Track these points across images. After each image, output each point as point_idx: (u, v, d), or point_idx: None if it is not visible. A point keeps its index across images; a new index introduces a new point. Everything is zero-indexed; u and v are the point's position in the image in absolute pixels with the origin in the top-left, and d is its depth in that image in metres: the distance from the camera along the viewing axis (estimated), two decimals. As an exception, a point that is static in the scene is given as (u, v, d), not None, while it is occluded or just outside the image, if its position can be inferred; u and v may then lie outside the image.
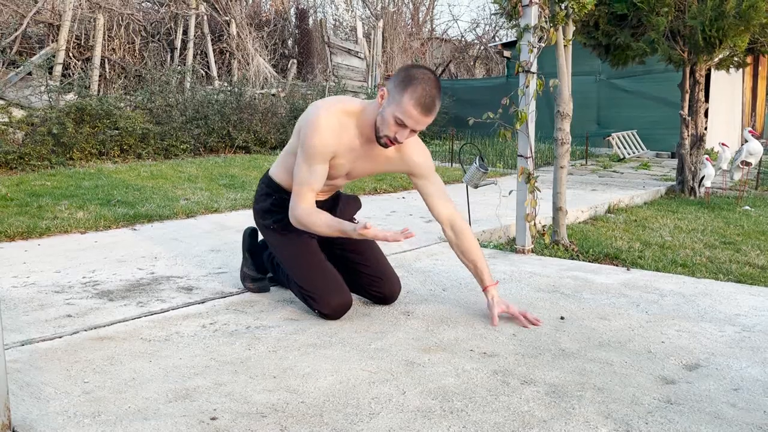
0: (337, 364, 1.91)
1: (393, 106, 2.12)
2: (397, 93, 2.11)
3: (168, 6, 12.61)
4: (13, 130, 6.95)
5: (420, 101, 2.09)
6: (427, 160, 2.37)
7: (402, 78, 2.12)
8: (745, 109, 11.90)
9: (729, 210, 5.41)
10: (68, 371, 1.84)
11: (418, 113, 2.10)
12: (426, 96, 2.09)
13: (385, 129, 2.15)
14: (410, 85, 2.09)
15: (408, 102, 2.09)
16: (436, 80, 2.14)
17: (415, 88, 2.09)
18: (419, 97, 2.08)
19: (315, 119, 2.19)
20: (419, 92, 2.08)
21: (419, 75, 2.11)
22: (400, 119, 2.11)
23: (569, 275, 2.97)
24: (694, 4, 5.54)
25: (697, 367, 1.93)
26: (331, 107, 2.22)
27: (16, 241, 3.55)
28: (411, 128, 2.14)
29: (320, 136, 2.18)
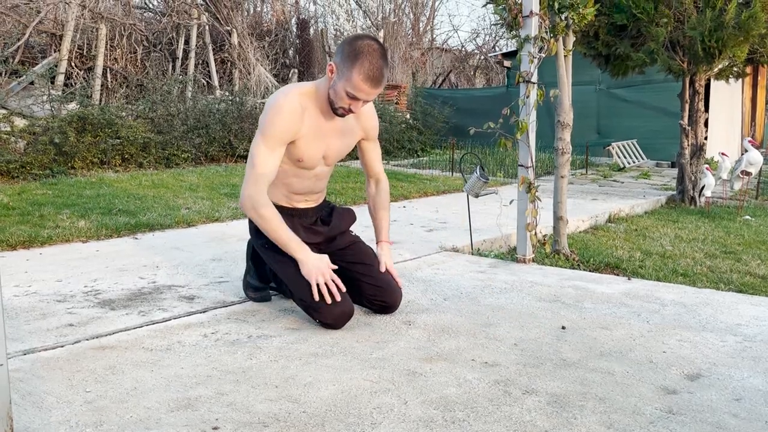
0: (338, 374, 1.92)
1: (343, 81, 2.22)
2: (346, 68, 2.20)
3: (170, 16, 12.68)
4: (15, 139, 6.97)
5: (368, 75, 2.18)
6: (377, 125, 2.59)
7: (348, 52, 2.21)
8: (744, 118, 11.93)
9: (729, 219, 5.42)
10: (70, 380, 1.85)
11: (368, 87, 2.21)
12: (373, 69, 2.18)
13: (339, 101, 2.26)
14: (357, 59, 2.18)
15: (357, 77, 2.19)
16: (381, 50, 2.23)
17: (362, 62, 2.18)
18: (367, 71, 2.18)
19: (275, 102, 2.30)
20: (366, 66, 2.18)
21: (364, 48, 2.20)
22: (351, 93, 2.22)
23: (570, 285, 2.98)
24: (694, 14, 5.57)
25: (699, 377, 1.94)
26: (289, 92, 2.33)
27: (17, 250, 3.56)
28: (363, 100, 2.25)
29: (281, 117, 2.28)
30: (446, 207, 5.42)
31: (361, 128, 2.51)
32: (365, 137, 2.56)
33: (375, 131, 2.58)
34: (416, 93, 13.07)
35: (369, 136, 2.56)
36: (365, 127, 2.52)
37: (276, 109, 2.28)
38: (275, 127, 2.27)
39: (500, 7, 3.44)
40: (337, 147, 2.46)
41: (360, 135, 2.54)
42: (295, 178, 2.43)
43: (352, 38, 2.26)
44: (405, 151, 10.92)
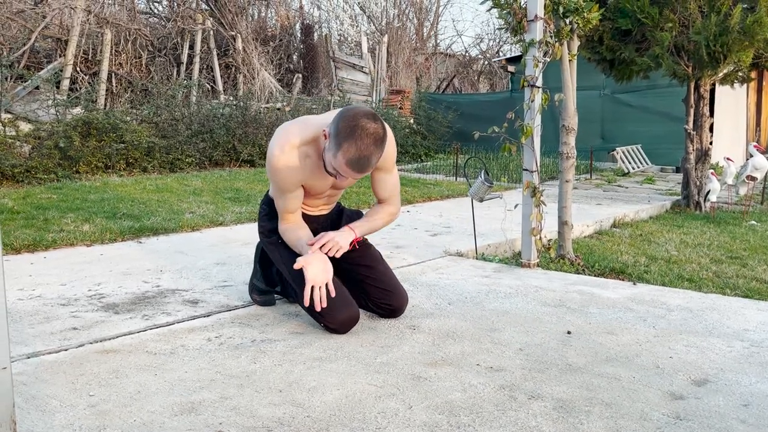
0: (343, 378, 1.91)
1: (330, 155, 2.11)
2: (334, 144, 2.08)
3: (174, 21, 12.73)
4: (20, 143, 6.99)
5: (352, 161, 2.06)
6: (391, 155, 2.37)
7: (341, 128, 2.06)
8: (749, 123, 11.90)
9: (735, 225, 5.40)
10: (74, 384, 1.84)
11: (352, 171, 2.10)
12: (359, 154, 2.05)
13: (331, 170, 2.18)
14: (346, 140, 2.04)
15: (341, 159, 2.07)
16: (375, 132, 2.07)
17: (349, 146, 2.04)
18: (351, 158, 2.06)
19: (272, 161, 2.25)
20: (352, 152, 2.05)
21: (357, 130, 2.04)
22: (334, 171, 2.15)
23: (575, 290, 2.96)
24: (698, 19, 5.56)
25: (706, 382, 1.92)
26: (285, 145, 2.22)
27: (22, 253, 3.56)
28: (345, 178, 2.17)
29: (281, 176, 2.27)
30: (450, 211, 5.41)
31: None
32: (377, 167, 2.35)
33: (387, 161, 2.35)
34: (420, 98, 13.08)
35: (380, 165, 2.35)
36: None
37: (273, 168, 2.25)
38: (279, 183, 2.29)
39: (505, 12, 3.44)
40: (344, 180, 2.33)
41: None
42: (307, 198, 2.44)
43: (350, 114, 2.09)
44: (409, 156, 10.91)
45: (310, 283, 2.23)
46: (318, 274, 2.24)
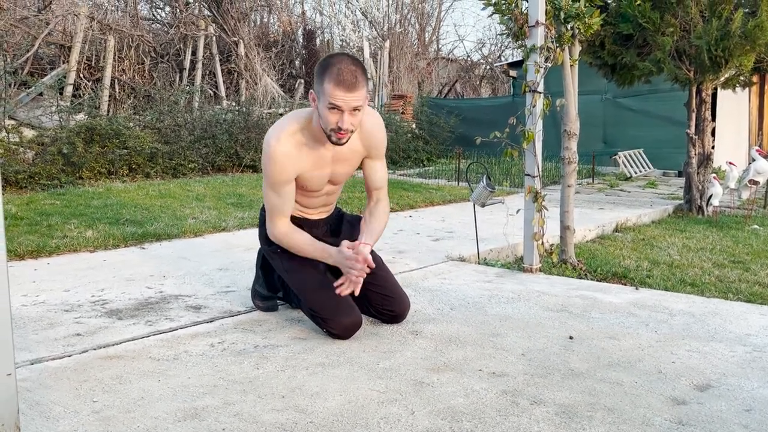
0: (345, 384, 1.91)
1: (321, 99, 2.17)
2: (319, 84, 2.17)
3: (177, 27, 12.77)
4: (24, 149, 7.01)
5: (338, 80, 2.11)
6: (381, 142, 2.45)
7: (318, 70, 2.19)
8: (752, 128, 11.89)
9: (737, 229, 5.39)
10: (77, 390, 1.85)
11: (342, 92, 2.12)
12: (343, 72, 2.12)
13: (327, 124, 2.18)
14: (326, 70, 2.14)
15: (328, 86, 2.12)
16: (351, 57, 2.21)
17: (331, 71, 2.13)
18: (337, 77, 2.11)
19: (269, 150, 2.27)
20: (335, 72, 2.12)
21: (333, 60, 2.17)
22: (331, 104, 2.13)
23: (577, 294, 2.96)
24: (700, 24, 5.57)
25: (709, 387, 1.92)
26: (281, 134, 2.27)
27: (25, 259, 3.57)
28: (346, 110, 2.14)
29: (276, 166, 2.27)
30: (452, 216, 5.41)
31: (363, 146, 2.41)
32: (368, 155, 2.44)
33: (378, 149, 2.44)
34: (422, 103, 13.10)
35: (371, 153, 2.43)
36: (367, 145, 2.41)
37: (269, 158, 2.26)
38: (273, 175, 2.29)
39: (506, 17, 3.45)
40: (341, 170, 2.42)
41: (362, 153, 2.43)
42: (305, 198, 2.45)
43: (322, 59, 2.24)
44: (411, 161, 10.93)
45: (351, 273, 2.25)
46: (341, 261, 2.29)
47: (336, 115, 2.15)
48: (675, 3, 5.54)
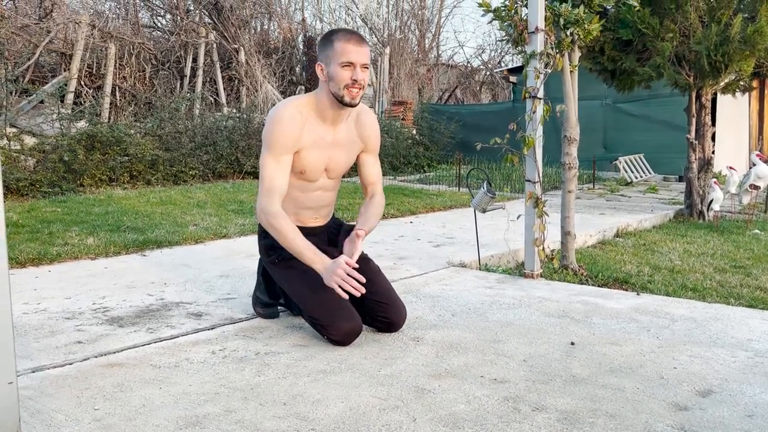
0: (347, 391, 1.91)
1: (332, 61, 2.31)
2: (328, 49, 2.32)
3: (178, 35, 12.81)
4: (25, 157, 7.03)
5: (347, 37, 2.32)
6: (377, 137, 2.59)
7: (323, 41, 2.37)
8: (752, 132, 11.89)
9: (738, 234, 5.39)
10: (78, 398, 1.85)
11: (353, 45, 2.30)
12: (350, 32, 2.36)
13: (341, 82, 2.30)
14: (332, 36, 2.34)
15: (339, 45, 2.30)
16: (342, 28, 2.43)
17: (336, 34, 2.34)
18: (344, 35, 2.33)
19: (275, 114, 2.36)
20: (341, 33, 2.34)
21: (335, 30, 2.39)
22: (344, 62, 2.29)
23: (579, 300, 2.96)
24: (699, 29, 5.58)
25: (710, 393, 1.92)
26: (288, 103, 2.40)
27: (27, 267, 3.57)
28: (358, 63, 2.30)
29: (281, 127, 2.33)
30: (453, 222, 5.42)
31: (360, 138, 2.51)
32: (364, 149, 2.55)
33: (374, 142, 2.56)
34: (422, 109, 13.12)
35: (367, 147, 2.55)
36: (363, 136, 2.52)
37: (275, 120, 2.34)
38: (277, 137, 2.32)
39: (506, 24, 3.46)
40: (339, 159, 2.47)
41: (360, 145, 2.53)
42: (300, 192, 2.45)
43: (323, 34, 2.44)
44: (412, 167, 10.93)
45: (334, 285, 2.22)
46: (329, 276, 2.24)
47: (349, 71, 2.29)
48: (674, 9, 5.56)
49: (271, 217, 2.31)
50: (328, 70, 2.33)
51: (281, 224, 2.31)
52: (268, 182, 2.34)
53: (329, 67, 2.32)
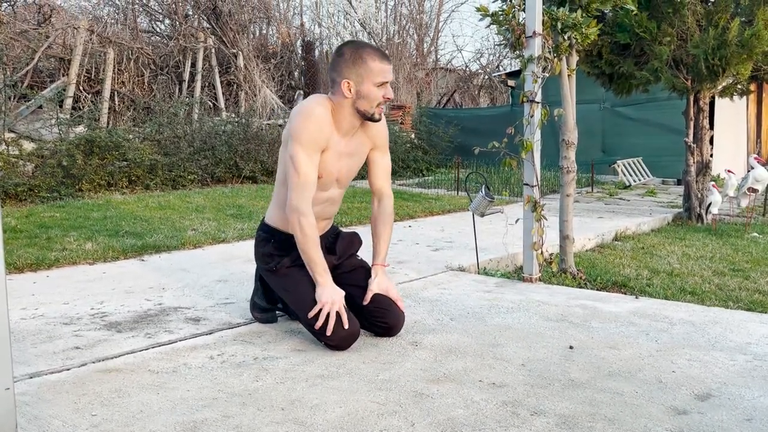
0: (345, 396, 1.90)
1: (366, 80, 2.30)
2: (361, 68, 2.30)
3: (176, 40, 12.83)
4: (23, 162, 7.02)
5: (381, 55, 2.33)
6: (387, 133, 2.58)
7: (350, 59, 2.31)
8: (750, 135, 11.92)
9: (737, 237, 5.39)
10: (76, 404, 1.84)
11: (387, 64, 2.33)
12: (377, 50, 2.35)
13: (374, 101, 2.33)
14: (363, 54, 2.31)
15: (375, 64, 2.30)
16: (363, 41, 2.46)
17: (368, 52, 2.32)
18: (377, 54, 2.33)
19: (307, 109, 2.33)
20: (374, 52, 2.33)
21: (359, 45, 2.37)
22: (379, 82, 2.31)
23: (577, 304, 2.96)
24: (696, 33, 5.59)
25: (709, 397, 1.91)
26: (318, 100, 2.37)
27: (24, 272, 3.57)
28: (389, 82, 2.34)
29: (316, 123, 2.30)
30: (452, 226, 5.42)
31: (369, 138, 2.48)
32: (374, 146, 2.51)
33: (383, 139, 2.53)
34: (421, 113, 13.13)
35: (377, 144, 2.51)
36: (372, 135, 2.48)
37: (308, 114, 2.30)
38: (311, 132, 2.29)
39: (504, 28, 3.47)
40: (348, 166, 2.46)
41: (369, 145, 2.50)
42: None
43: (339, 52, 2.35)
44: (410, 171, 10.94)
45: (324, 307, 2.25)
46: (326, 297, 2.27)
47: (383, 89, 2.32)
48: (671, 13, 5.57)
49: (303, 217, 2.28)
50: (359, 88, 2.30)
51: (311, 229, 2.29)
52: (303, 177, 2.27)
53: (361, 85, 2.30)
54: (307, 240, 2.28)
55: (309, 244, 2.28)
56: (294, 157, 2.28)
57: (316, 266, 2.30)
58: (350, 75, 2.31)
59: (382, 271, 2.50)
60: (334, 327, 2.26)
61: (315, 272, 2.30)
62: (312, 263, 2.30)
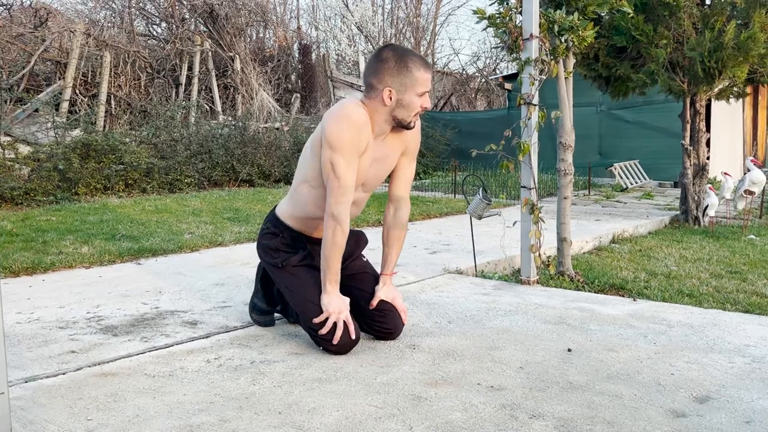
0: (342, 399, 1.89)
1: (409, 90, 2.25)
2: (406, 77, 2.24)
3: (173, 43, 12.82)
4: (20, 166, 7.01)
5: (423, 65, 2.27)
6: (419, 140, 2.51)
7: (395, 66, 2.24)
8: (746, 138, 11.95)
9: (734, 239, 5.40)
10: (71, 408, 1.83)
11: (429, 73, 2.29)
12: (421, 58, 2.30)
13: (413, 110, 2.29)
14: (407, 63, 2.25)
15: (420, 74, 2.25)
16: (403, 47, 2.36)
17: (412, 61, 2.25)
18: (421, 62, 2.27)
19: (347, 112, 2.23)
20: (416, 60, 2.27)
21: (400, 51, 2.30)
22: (422, 92, 2.27)
23: (575, 306, 2.96)
24: (693, 36, 5.60)
25: (708, 399, 1.91)
26: (356, 105, 2.27)
27: (20, 276, 3.55)
28: (429, 90, 2.31)
29: (357, 130, 2.21)
30: (449, 229, 5.41)
31: (402, 142, 2.41)
32: (405, 151, 2.44)
33: (417, 144, 2.48)
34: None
35: (409, 149, 2.44)
36: (407, 139, 2.41)
37: (347, 119, 2.21)
38: (351, 137, 2.20)
39: (500, 31, 3.47)
40: (376, 170, 2.39)
41: (400, 150, 2.42)
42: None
43: (381, 57, 2.26)
44: (407, 174, 10.93)
45: (331, 316, 2.23)
46: (333, 306, 2.25)
47: (422, 99, 2.29)
48: (668, 15, 5.58)
49: (339, 226, 2.22)
50: (401, 97, 2.25)
51: (342, 239, 2.24)
52: (344, 180, 2.20)
53: (404, 94, 2.25)
54: (335, 249, 2.24)
55: (336, 252, 2.25)
56: (334, 162, 2.20)
57: (331, 275, 2.27)
58: (393, 83, 2.24)
59: (390, 281, 2.49)
60: (331, 333, 2.24)
61: (327, 280, 2.27)
62: (329, 271, 2.26)
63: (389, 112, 2.28)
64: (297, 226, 2.44)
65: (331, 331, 2.24)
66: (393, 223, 2.52)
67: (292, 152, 9.67)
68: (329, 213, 2.23)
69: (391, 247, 2.52)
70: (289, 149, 9.82)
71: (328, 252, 2.25)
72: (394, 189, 2.50)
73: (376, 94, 2.26)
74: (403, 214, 2.51)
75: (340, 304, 2.27)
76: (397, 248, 2.53)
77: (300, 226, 2.44)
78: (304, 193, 2.38)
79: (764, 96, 12.69)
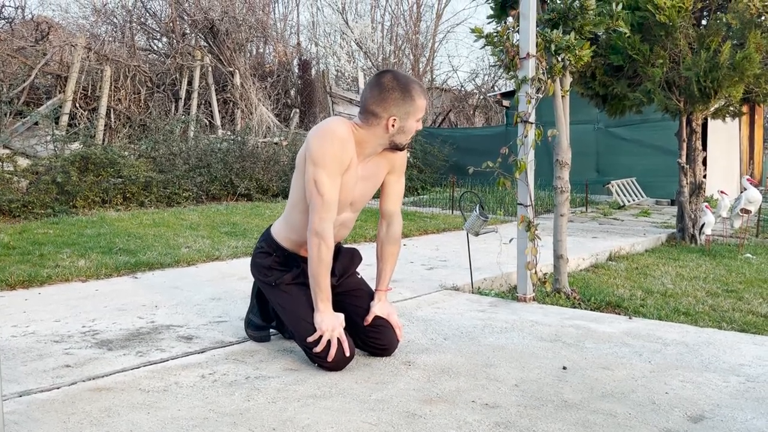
0: (337, 416, 1.89)
1: (411, 117, 2.31)
2: (409, 105, 2.29)
3: (173, 58, 12.90)
4: (18, 178, 7.02)
5: (423, 92, 2.34)
6: (405, 157, 2.54)
7: (400, 96, 2.27)
8: (742, 157, 12.00)
9: (730, 258, 5.41)
10: (65, 423, 1.82)
11: (426, 103, 2.37)
12: (420, 85, 2.35)
13: (410, 134, 2.36)
14: (411, 92, 2.29)
15: (420, 102, 2.32)
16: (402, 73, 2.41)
17: (415, 90, 2.30)
18: (420, 91, 2.33)
19: (330, 128, 2.27)
20: (417, 88, 2.31)
21: (403, 80, 2.31)
22: (419, 117, 2.34)
23: (571, 324, 2.96)
24: (689, 55, 5.66)
25: (702, 418, 1.91)
26: (340, 121, 2.32)
27: (16, 289, 3.55)
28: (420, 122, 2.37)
29: (340, 145, 2.24)
30: (446, 245, 5.42)
31: (387, 160, 2.43)
32: (391, 169, 2.46)
33: (403, 162, 2.49)
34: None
35: (395, 167, 2.46)
36: (392, 158, 2.43)
37: (330, 135, 2.24)
38: (334, 155, 2.22)
39: (498, 49, 3.50)
40: (362, 190, 2.41)
41: (387, 168, 2.45)
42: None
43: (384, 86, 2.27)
44: (405, 190, 10.95)
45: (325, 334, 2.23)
46: (326, 323, 2.25)
47: (418, 123, 2.35)
48: (664, 35, 5.63)
49: (323, 242, 2.22)
50: (403, 124, 2.30)
51: (328, 255, 2.24)
52: (327, 197, 2.22)
53: (406, 121, 2.30)
54: (321, 266, 2.24)
55: (322, 270, 2.25)
56: (317, 179, 2.22)
57: (321, 293, 2.27)
58: (398, 112, 2.28)
59: (385, 297, 2.50)
60: (326, 350, 2.24)
61: (318, 298, 2.27)
62: (318, 289, 2.27)
63: (389, 138, 2.33)
64: (290, 247, 2.46)
65: (325, 348, 2.24)
66: (386, 239, 2.53)
67: (291, 167, 9.69)
68: (313, 230, 2.24)
69: (386, 263, 2.53)
70: (287, 164, 9.85)
71: (315, 270, 2.25)
72: (385, 205, 2.51)
73: (378, 122, 2.29)
74: (395, 229, 2.53)
75: (333, 321, 2.27)
76: (392, 263, 2.54)
77: (294, 247, 2.45)
78: (297, 217, 2.39)
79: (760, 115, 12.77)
